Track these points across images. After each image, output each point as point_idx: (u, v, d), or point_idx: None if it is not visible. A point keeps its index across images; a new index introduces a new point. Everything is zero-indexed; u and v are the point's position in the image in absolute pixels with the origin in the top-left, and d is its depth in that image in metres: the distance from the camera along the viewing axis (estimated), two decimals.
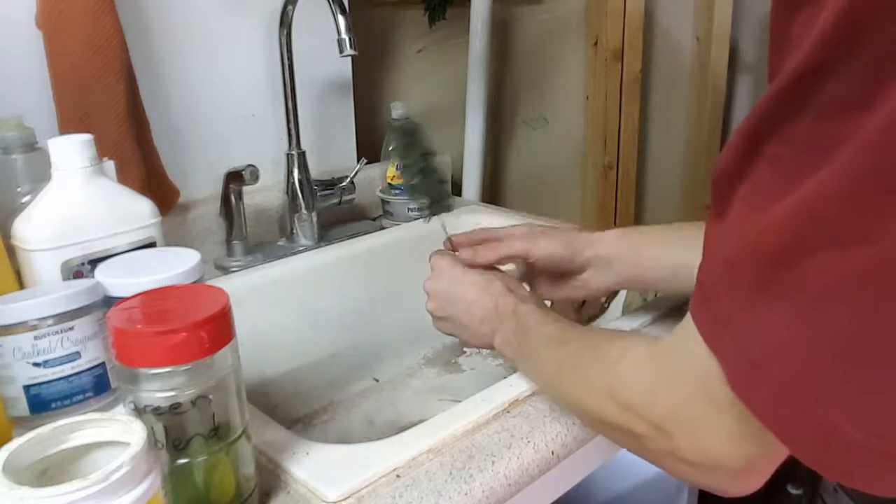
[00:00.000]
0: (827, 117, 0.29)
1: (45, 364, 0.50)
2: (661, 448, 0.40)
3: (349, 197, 1.01)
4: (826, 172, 0.28)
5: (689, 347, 0.36)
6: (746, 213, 0.32)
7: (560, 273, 0.68)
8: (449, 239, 0.70)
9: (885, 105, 0.27)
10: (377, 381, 0.93)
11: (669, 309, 0.74)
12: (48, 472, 0.38)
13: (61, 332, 0.50)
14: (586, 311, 0.92)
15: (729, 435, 0.36)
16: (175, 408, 0.42)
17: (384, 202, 1.09)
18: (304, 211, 0.95)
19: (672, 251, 0.63)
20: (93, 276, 0.53)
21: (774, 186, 0.31)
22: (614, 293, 0.90)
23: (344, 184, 1.00)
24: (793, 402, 0.30)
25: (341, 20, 0.80)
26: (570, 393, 0.51)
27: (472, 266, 0.66)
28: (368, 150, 1.11)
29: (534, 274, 0.71)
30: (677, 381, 0.38)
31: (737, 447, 0.36)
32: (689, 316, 0.36)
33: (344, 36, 0.80)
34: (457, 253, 0.68)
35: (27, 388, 0.50)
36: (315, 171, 0.97)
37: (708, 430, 0.37)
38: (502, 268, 0.68)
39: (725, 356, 0.33)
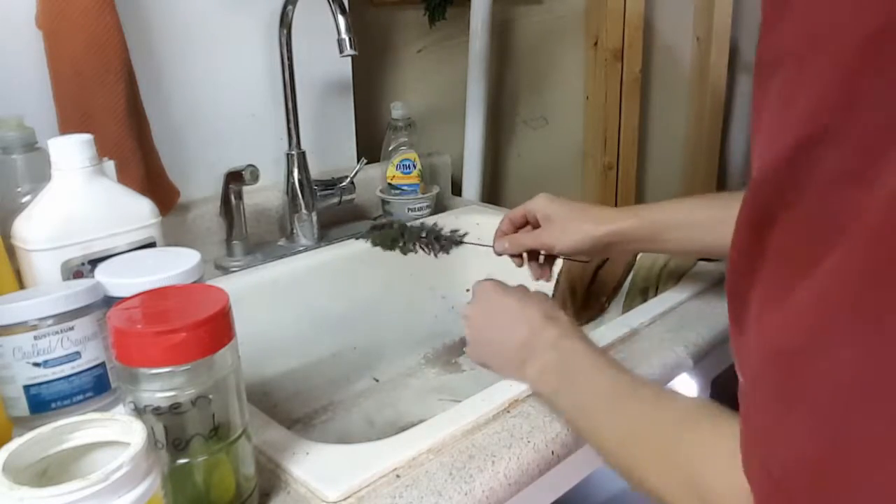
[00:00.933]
0: (827, 198, 0.28)
1: (45, 364, 0.50)
2: None
3: (349, 197, 1.01)
4: (830, 265, 0.27)
5: None
6: (762, 317, 0.31)
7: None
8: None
9: (885, 185, 0.25)
10: (377, 381, 0.93)
11: (669, 308, 0.74)
12: (48, 472, 0.38)
13: (61, 332, 0.50)
14: (586, 311, 0.92)
15: None
16: (175, 408, 0.42)
17: (384, 202, 1.09)
18: (304, 211, 0.95)
19: (693, 240, 0.66)
20: (93, 276, 0.53)
21: (785, 282, 0.29)
22: (613, 293, 0.90)
23: (344, 184, 1.00)
24: None
25: (341, 20, 0.80)
26: (636, 468, 0.44)
27: (507, 253, 0.69)
28: (368, 150, 1.11)
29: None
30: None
31: None
32: None
33: (344, 36, 0.80)
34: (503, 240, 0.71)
35: (27, 388, 0.50)
36: (315, 171, 0.97)
37: None
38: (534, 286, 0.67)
39: (752, 477, 0.31)
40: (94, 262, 0.57)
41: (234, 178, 0.86)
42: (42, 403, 0.50)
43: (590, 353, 0.53)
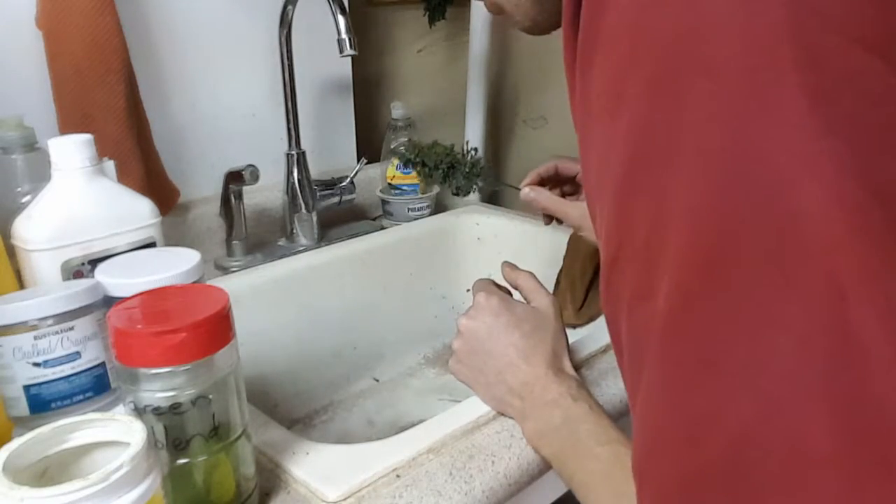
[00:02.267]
0: (634, 315, 0.33)
1: (45, 364, 0.50)
2: None
3: (349, 197, 1.01)
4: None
5: None
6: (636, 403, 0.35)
7: None
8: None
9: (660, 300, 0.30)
10: (377, 381, 0.93)
11: None
12: (48, 472, 0.38)
13: (61, 332, 0.50)
14: (586, 311, 0.92)
15: None
16: (175, 408, 0.42)
17: (384, 202, 1.09)
18: (304, 211, 0.95)
19: None
20: (93, 276, 0.53)
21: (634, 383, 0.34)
22: None
23: (344, 184, 1.00)
24: None
25: (341, 20, 0.80)
26: None
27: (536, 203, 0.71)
28: (368, 150, 1.11)
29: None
30: None
31: None
32: None
33: (344, 36, 0.80)
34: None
35: (27, 388, 0.50)
36: (315, 171, 0.97)
37: None
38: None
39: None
40: (94, 262, 0.57)
41: (234, 178, 0.86)
42: (42, 403, 0.50)
43: (596, 420, 0.50)
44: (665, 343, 0.30)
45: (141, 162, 0.79)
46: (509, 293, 0.63)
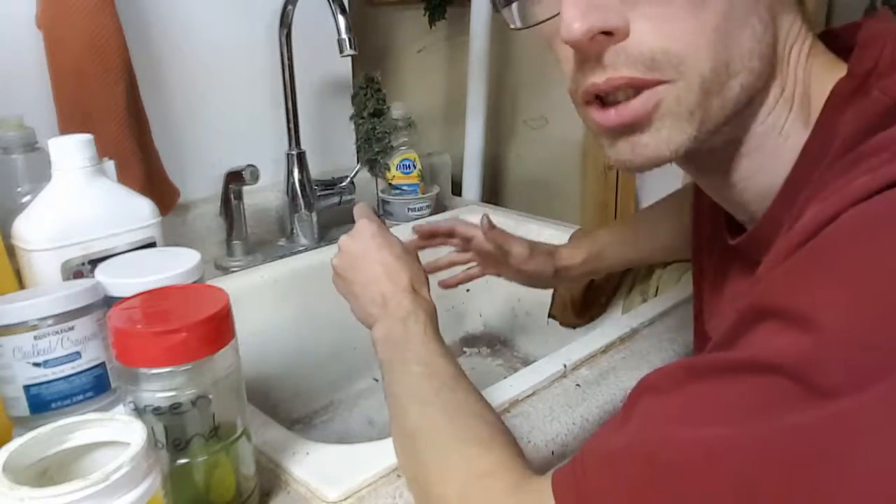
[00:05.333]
0: None
1: (45, 364, 0.50)
2: None
3: (349, 197, 1.01)
4: None
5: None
6: None
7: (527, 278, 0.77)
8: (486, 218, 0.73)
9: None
10: (377, 381, 0.93)
11: (669, 308, 0.74)
12: (48, 472, 0.38)
13: (61, 332, 0.50)
14: (586, 311, 0.92)
15: None
16: (175, 408, 0.42)
17: (384, 202, 1.09)
18: (304, 211, 0.95)
19: (622, 261, 0.79)
20: (93, 276, 0.53)
21: None
22: (613, 293, 0.90)
23: (344, 184, 1.00)
24: None
25: (341, 20, 0.80)
26: (422, 461, 0.46)
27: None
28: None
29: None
30: None
31: None
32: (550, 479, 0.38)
33: (344, 36, 0.80)
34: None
35: (27, 388, 0.50)
36: (315, 171, 0.97)
37: None
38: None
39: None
40: (94, 262, 0.57)
41: (234, 178, 0.86)
42: (42, 403, 0.50)
43: (424, 340, 0.54)
44: None
45: (141, 162, 0.79)
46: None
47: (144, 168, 0.79)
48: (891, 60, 0.37)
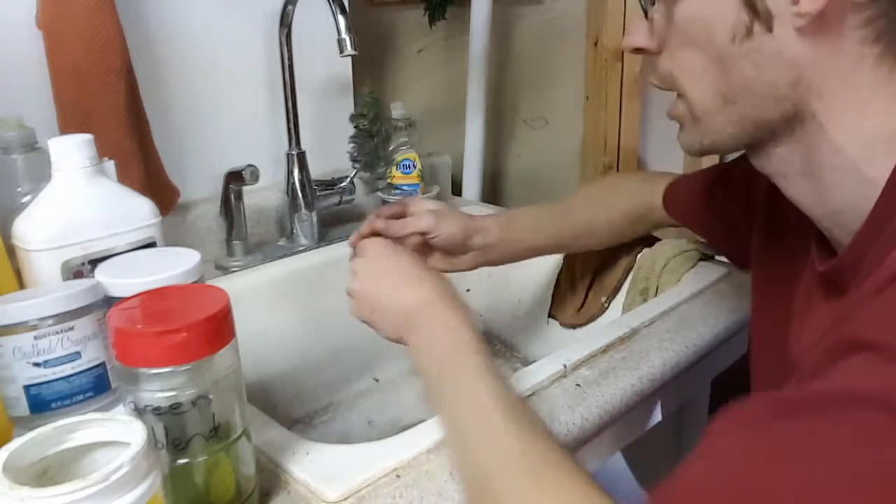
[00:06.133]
0: None
1: (46, 364, 0.50)
2: None
3: (349, 197, 1.01)
4: None
5: None
6: None
7: (449, 251, 0.73)
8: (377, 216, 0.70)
9: None
10: (377, 381, 0.93)
11: (669, 308, 0.74)
12: (48, 472, 0.38)
13: (61, 332, 0.50)
14: (586, 311, 0.92)
15: None
16: (175, 408, 0.42)
17: (384, 202, 1.09)
18: (304, 211, 0.95)
19: (539, 234, 0.78)
20: (93, 276, 0.53)
21: None
22: (613, 293, 0.90)
23: (344, 184, 1.00)
24: None
25: (341, 20, 0.80)
26: (496, 494, 0.41)
27: (387, 236, 0.67)
28: None
29: (427, 248, 0.73)
30: None
31: None
32: None
33: (344, 36, 0.80)
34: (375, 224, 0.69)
35: (27, 388, 0.50)
36: (315, 171, 0.97)
37: None
38: None
39: None
40: (94, 262, 0.57)
41: (234, 178, 0.86)
42: (42, 403, 0.50)
43: (479, 352, 0.50)
44: None
45: (141, 162, 0.79)
46: None
47: (144, 168, 0.79)
48: None
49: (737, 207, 0.67)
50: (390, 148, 1.09)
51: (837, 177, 0.43)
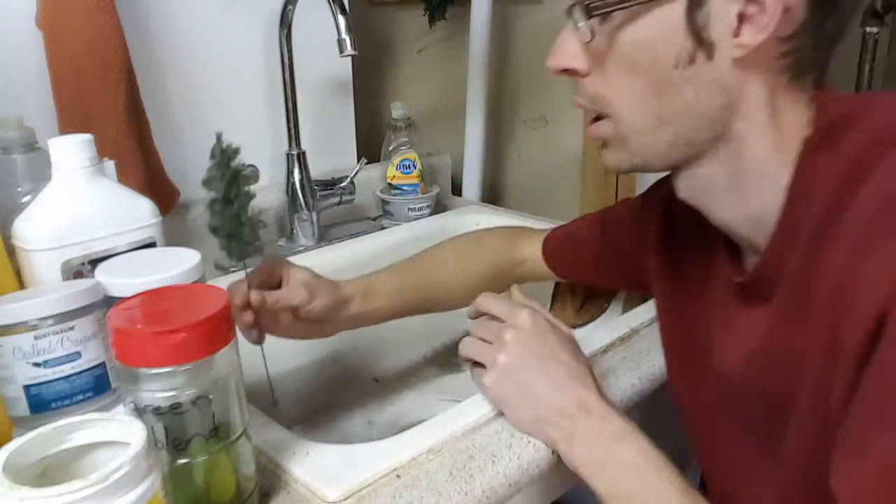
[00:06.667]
0: None
1: (45, 364, 0.50)
2: None
3: (349, 197, 1.01)
4: None
5: None
6: None
7: (315, 321, 0.69)
8: (247, 282, 0.61)
9: None
10: (377, 381, 0.93)
11: None
12: (48, 472, 0.38)
13: (61, 332, 0.50)
14: (586, 312, 0.92)
15: None
16: (175, 408, 0.42)
17: (384, 202, 1.09)
18: (304, 211, 0.95)
19: (397, 301, 0.75)
20: (93, 276, 0.53)
21: None
22: (613, 294, 0.90)
23: (344, 184, 1.00)
24: None
25: (341, 20, 0.80)
26: None
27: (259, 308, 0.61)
28: (368, 150, 1.11)
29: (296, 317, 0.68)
30: None
31: None
32: None
33: (344, 36, 0.80)
34: (247, 296, 0.61)
35: (27, 388, 0.50)
36: (315, 171, 0.97)
37: None
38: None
39: None
40: (94, 262, 0.57)
41: None
42: (42, 403, 0.50)
43: (664, 461, 0.50)
44: None
45: (141, 162, 0.79)
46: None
47: (144, 168, 0.79)
48: (848, 114, 0.44)
49: (630, 236, 0.69)
50: (390, 148, 1.09)
51: (757, 186, 0.46)
